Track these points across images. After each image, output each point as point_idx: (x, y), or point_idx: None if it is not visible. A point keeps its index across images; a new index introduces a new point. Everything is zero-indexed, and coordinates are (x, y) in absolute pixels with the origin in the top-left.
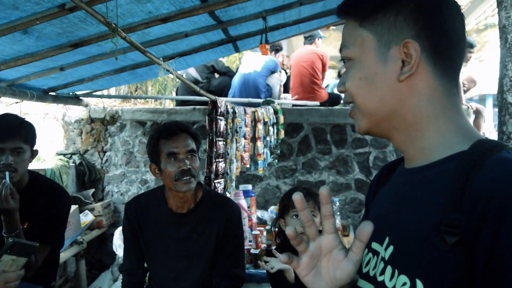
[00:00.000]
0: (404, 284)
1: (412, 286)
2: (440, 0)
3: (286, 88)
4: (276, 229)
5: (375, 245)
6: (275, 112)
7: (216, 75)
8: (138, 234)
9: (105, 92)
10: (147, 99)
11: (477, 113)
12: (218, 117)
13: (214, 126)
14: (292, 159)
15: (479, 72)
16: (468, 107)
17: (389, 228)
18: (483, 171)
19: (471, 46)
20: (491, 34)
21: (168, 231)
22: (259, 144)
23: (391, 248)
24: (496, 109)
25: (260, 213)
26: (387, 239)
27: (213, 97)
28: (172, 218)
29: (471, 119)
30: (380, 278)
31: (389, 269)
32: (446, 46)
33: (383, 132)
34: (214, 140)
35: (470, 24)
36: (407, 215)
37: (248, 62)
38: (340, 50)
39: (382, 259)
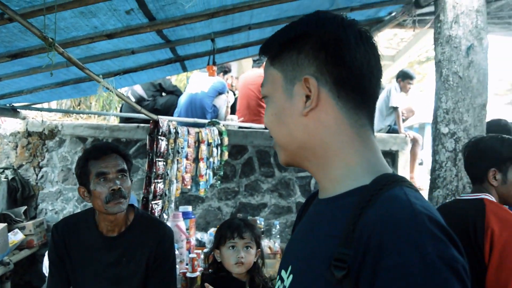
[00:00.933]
0: None
1: None
2: (339, 35)
3: (233, 110)
4: (210, 260)
5: (283, 273)
6: (220, 133)
7: (163, 94)
8: (65, 258)
9: (45, 105)
10: (90, 115)
11: (414, 141)
12: (159, 137)
13: (155, 146)
14: (235, 181)
15: (420, 101)
16: (406, 136)
17: (293, 257)
18: (374, 207)
19: (411, 77)
20: (431, 66)
21: (97, 255)
22: (202, 165)
23: (291, 277)
24: (432, 140)
25: (199, 235)
26: (289, 268)
27: (155, 116)
28: (102, 242)
29: (408, 147)
30: None
31: None
32: (349, 78)
33: (299, 163)
34: (154, 160)
35: (412, 56)
36: (307, 246)
37: (196, 82)
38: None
39: (283, 287)
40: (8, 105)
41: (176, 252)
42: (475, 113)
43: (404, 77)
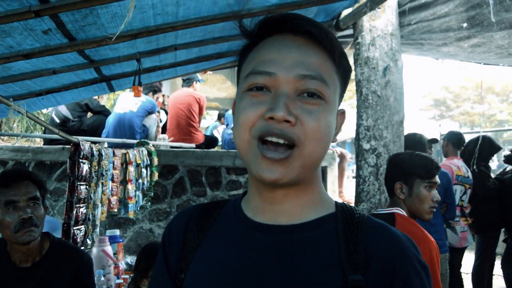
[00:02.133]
0: None
1: None
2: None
3: (164, 129)
4: None
5: None
6: (149, 153)
7: (90, 114)
8: None
9: None
10: (11, 136)
11: (342, 156)
12: (80, 160)
13: (76, 169)
14: (166, 201)
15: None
16: (334, 152)
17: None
18: (370, 235)
19: None
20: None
21: (12, 287)
22: (130, 187)
23: None
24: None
25: (130, 259)
26: None
27: (75, 139)
28: (15, 273)
29: (336, 163)
30: None
31: None
32: None
33: (297, 182)
34: (76, 184)
35: None
36: (299, 277)
37: (124, 102)
38: (307, 78)
39: None
40: None
41: (103, 278)
42: (394, 130)
43: None
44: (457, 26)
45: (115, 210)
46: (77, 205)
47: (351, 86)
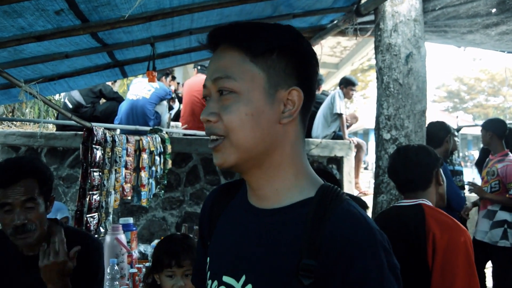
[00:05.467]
0: None
1: None
2: (313, 57)
3: (177, 117)
4: (150, 280)
5: (227, 279)
6: (163, 141)
7: (104, 100)
8: None
9: None
10: (24, 122)
11: (358, 147)
12: (94, 146)
13: (89, 155)
14: (179, 189)
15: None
16: (350, 142)
17: (247, 266)
18: (332, 222)
19: (353, 84)
20: (374, 74)
21: (18, 276)
22: (143, 174)
23: (249, 286)
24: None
25: (143, 247)
26: (243, 277)
27: (88, 124)
28: (22, 262)
29: (353, 153)
30: None
31: None
32: (312, 97)
33: (246, 168)
34: (89, 171)
35: (355, 64)
36: (267, 256)
37: (137, 88)
38: (217, 79)
39: None
40: None
41: (116, 267)
42: (416, 119)
43: (346, 84)
44: (485, 11)
45: (129, 197)
46: (90, 192)
47: (364, 77)
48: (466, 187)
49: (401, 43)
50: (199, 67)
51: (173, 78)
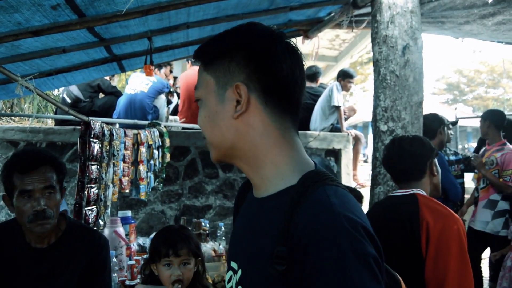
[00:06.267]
0: None
1: None
2: (268, 47)
3: (177, 111)
4: (147, 271)
5: (233, 264)
6: (161, 135)
7: (102, 95)
8: None
9: None
10: (22, 117)
11: (356, 139)
12: (91, 139)
13: (87, 149)
14: (178, 183)
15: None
16: (348, 134)
17: (239, 252)
18: (302, 211)
19: (351, 76)
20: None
21: (26, 268)
22: (142, 168)
23: (240, 272)
24: (372, 137)
25: (142, 240)
26: (238, 262)
27: (85, 118)
28: (30, 254)
29: (351, 145)
30: None
31: None
32: (275, 86)
33: (231, 161)
34: (87, 164)
35: (354, 56)
36: (250, 242)
37: (135, 82)
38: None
39: (236, 279)
40: None
41: (115, 259)
42: (412, 111)
43: (344, 76)
44: (481, 2)
45: (127, 191)
46: (88, 185)
47: (363, 70)
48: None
49: (397, 35)
50: (192, 60)
51: (171, 71)
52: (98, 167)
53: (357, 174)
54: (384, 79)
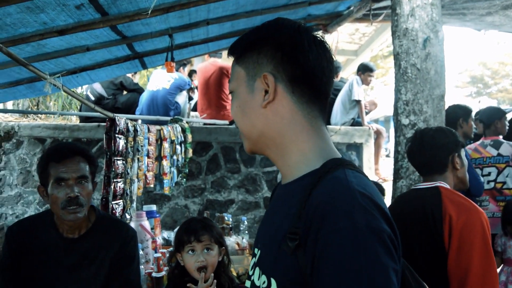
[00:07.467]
0: (264, 282)
1: (269, 284)
2: (294, 38)
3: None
4: (173, 263)
5: (255, 250)
6: (183, 130)
7: (125, 92)
8: (20, 262)
9: (0, 106)
10: (49, 115)
11: (378, 133)
12: (116, 135)
13: (112, 144)
14: (201, 178)
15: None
16: (370, 128)
17: (261, 236)
18: (319, 187)
19: (371, 70)
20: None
21: (57, 257)
22: (165, 163)
23: (259, 253)
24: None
25: (166, 234)
26: (259, 245)
27: (110, 114)
28: (62, 243)
29: (372, 139)
30: (253, 277)
31: (257, 270)
32: (302, 76)
33: (261, 151)
34: (112, 159)
35: (374, 50)
36: (271, 224)
37: (157, 79)
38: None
39: (255, 261)
40: None
41: (141, 252)
42: (434, 104)
43: (364, 70)
44: None
45: (151, 185)
46: (114, 180)
47: (384, 63)
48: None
49: (418, 28)
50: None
51: (194, 71)
52: (124, 162)
53: (379, 168)
54: (405, 73)
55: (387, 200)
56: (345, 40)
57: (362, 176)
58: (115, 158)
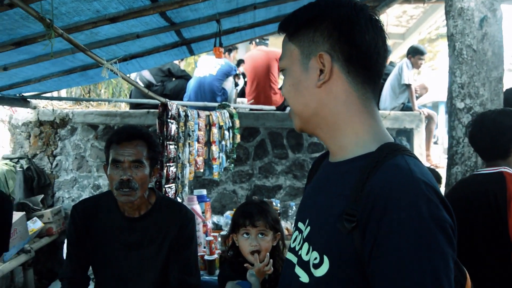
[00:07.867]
0: (316, 258)
1: (321, 260)
2: (351, 17)
3: (242, 93)
4: (229, 243)
5: (300, 225)
6: (231, 116)
7: (172, 79)
8: (85, 239)
9: (55, 94)
10: (100, 102)
11: (429, 118)
12: (168, 120)
13: (164, 129)
14: (248, 163)
15: (432, 80)
16: (420, 113)
17: (309, 211)
18: (379, 173)
19: (422, 53)
20: (442, 43)
21: (119, 236)
22: (214, 148)
23: (308, 228)
24: (448, 115)
25: (216, 218)
26: (307, 221)
27: (163, 99)
28: (123, 223)
29: (423, 125)
30: (300, 252)
31: (305, 246)
32: (358, 57)
33: (311, 130)
34: (165, 144)
35: (422, 33)
36: (321, 202)
37: (204, 66)
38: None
39: (302, 236)
40: (18, 95)
41: None
42: (491, 87)
43: (414, 53)
44: None
45: (201, 170)
46: (167, 164)
47: (432, 47)
48: None
49: (474, 7)
50: (257, 40)
51: (242, 61)
52: (175, 146)
53: (430, 154)
54: (460, 54)
55: (441, 187)
56: (392, 23)
57: (421, 164)
58: (167, 142)
